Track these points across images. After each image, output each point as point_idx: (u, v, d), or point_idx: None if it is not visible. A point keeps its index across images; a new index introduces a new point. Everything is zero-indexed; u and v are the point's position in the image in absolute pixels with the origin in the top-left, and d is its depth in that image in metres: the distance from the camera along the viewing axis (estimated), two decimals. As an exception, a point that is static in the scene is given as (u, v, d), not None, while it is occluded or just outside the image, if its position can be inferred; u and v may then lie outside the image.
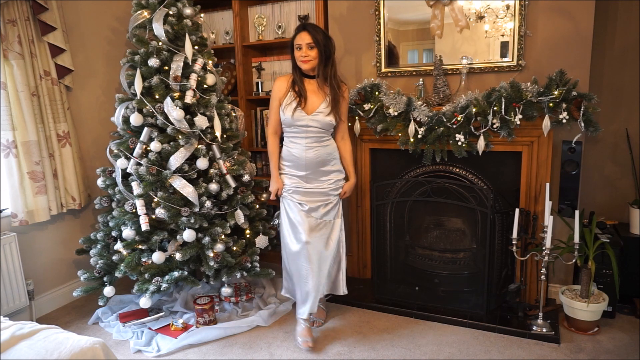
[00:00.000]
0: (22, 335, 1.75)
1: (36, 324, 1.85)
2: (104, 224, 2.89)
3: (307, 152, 2.50)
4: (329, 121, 2.48)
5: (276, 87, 2.54)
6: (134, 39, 2.74)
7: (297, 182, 2.54)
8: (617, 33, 2.86)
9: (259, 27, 3.43)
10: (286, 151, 2.56)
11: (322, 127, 2.48)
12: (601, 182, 3.05)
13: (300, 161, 2.51)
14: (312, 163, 2.51)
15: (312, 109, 2.47)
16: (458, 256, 3.04)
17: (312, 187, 2.54)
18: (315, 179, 2.55)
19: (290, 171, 2.56)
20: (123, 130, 2.80)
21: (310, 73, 2.48)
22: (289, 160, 2.55)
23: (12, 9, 2.64)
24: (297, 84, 2.48)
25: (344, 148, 2.65)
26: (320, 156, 2.52)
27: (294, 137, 2.52)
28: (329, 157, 2.56)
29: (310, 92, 2.49)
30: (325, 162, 2.54)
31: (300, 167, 2.53)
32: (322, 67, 2.43)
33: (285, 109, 2.47)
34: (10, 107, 2.69)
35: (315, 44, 2.38)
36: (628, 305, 2.77)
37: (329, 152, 2.55)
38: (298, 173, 2.54)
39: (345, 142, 2.66)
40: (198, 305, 2.74)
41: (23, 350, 1.67)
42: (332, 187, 2.58)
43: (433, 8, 2.84)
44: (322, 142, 2.52)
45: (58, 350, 1.66)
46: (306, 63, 2.41)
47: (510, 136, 2.62)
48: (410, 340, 2.59)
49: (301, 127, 2.47)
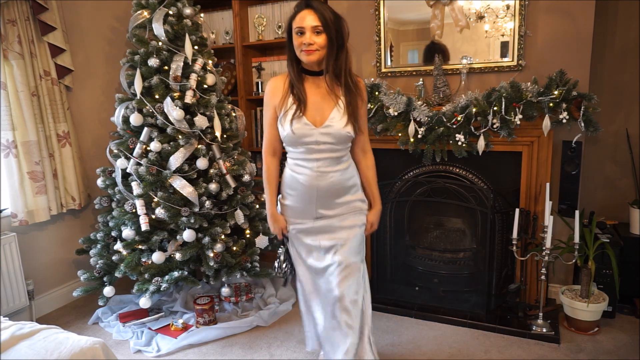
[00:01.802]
0: (22, 335, 1.75)
1: (36, 324, 1.85)
2: (103, 224, 2.89)
3: (318, 180, 1.84)
4: (347, 133, 1.82)
5: (270, 90, 1.88)
6: (134, 39, 2.74)
7: (304, 216, 1.94)
8: (617, 33, 2.86)
9: (259, 27, 3.43)
10: (289, 176, 1.92)
11: (337, 142, 1.82)
12: (601, 182, 3.05)
13: (309, 191, 1.87)
14: (326, 194, 1.87)
15: (321, 119, 1.81)
16: (458, 256, 3.04)
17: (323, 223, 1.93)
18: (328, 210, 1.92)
19: (296, 201, 1.93)
20: (123, 130, 2.80)
21: (315, 68, 1.82)
22: (295, 189, 1.91)
23: (12, 8, 2.64)
24: (294, 86, 1.82)
25: (366, 164, 2.01)
26: (336, 184, 1.87)
27: (300, 160, 1.86)
28: (349, 182, 1.91)
29: (315, 95, 1.83)
30: (343, 190, 1.90)
31: (307, 199, 1.89)
32: (333, 60, 1.77)
33: (285, 121, 1.81)
34: (10, 107, 2.69)
35: (323, 28, 1.71)
36: (628, 305, 2.77)
37: (348, 177, 1.90)
38: (307, 206, 1.91)
39: (367, 157, 2.01)
40: (198, 305, 2.74)
41: (23, 350, 1.67)
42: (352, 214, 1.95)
43: (433, 8, 2.84)
44: (339, 163, 1.86)
45: (58, 350, 1.66)
46: (311, 54, 1.74)
47: (511, 136, 2.62)
48: (410, 340, 2.59)
49: (309, 146, 1.81)
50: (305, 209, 1.91)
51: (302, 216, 1.93)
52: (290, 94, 1.83)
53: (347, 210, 1.92)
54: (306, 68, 1.83)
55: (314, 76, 1.84)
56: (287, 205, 1.95)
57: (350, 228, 1.93)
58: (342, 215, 1.92)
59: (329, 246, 1.92)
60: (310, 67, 1.82)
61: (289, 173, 1.92)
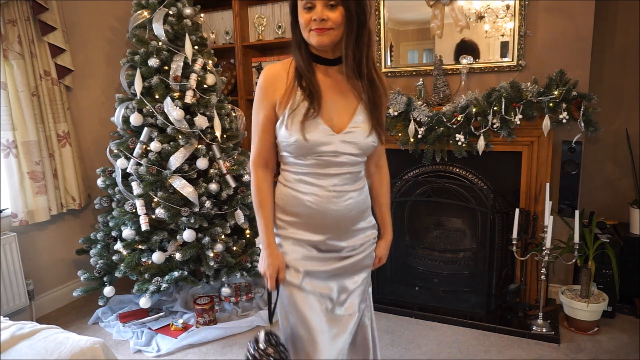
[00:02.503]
0: (22, 335, 1.75)
1: (36, 324, 1.85)
2: (104, 224, 2.89)
3: (336, 203, 1.40)
4: (371, 143, 1.40)
5: (266, 81, 1.38)
6: (134, 39, 2.74)
7: (310, 254, 1.44)
8: (617, 33, 2.86)
9: (259, 27, 3.43)
10: (291, 198, 1.42)
11: (361, 153, 1.40)
12: (601, 182, 3.05)
13: (323, 218, 1.41)
14: (342, 221, 1.43)
15: (340, 123, 1.36)
16: (458, 256, 3.04)
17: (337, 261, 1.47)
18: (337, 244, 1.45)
19: (296, 233, 1.44)
20: (123, 130, 2.80)
21: (330, 55, 1.35)
22: (297, 214, 1.43)
23: (12, 9, 2.64)
24: (303, 76, 1.35)
25: (379, 181, 1.60)
26: (354, 208, 1.44)
27: (309, 176, 1.39)
28: (365, 205, 1.50)
29: (331, 90, 1.37)
30: (359, 216, 1.47)
31: (318, 227, 1.42)
32: (353, 42, 1.29)
33: (292, 123, 1.33)
34: (10, 107, 2.69)
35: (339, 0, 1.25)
36: (628, 305, 2.77)
37: (365, 198, 1.50)
38: (313, 237, 1.43)
39: (381, 172, 1.61)
40: (198, 305, 2.74)
41: (23, 350, 1.67)
42: (365, 251, 1.52)
43: (433, 8, 2.84)
44: (357, 181, 1.45)
45: (58, 350, 1.66)
46: (323, 33, 1.27)
47: (510, 136, 2.62)
48: (411, 340, 2.59)
49: (324, 157, 1.36)
50: (313, 239, 1.43)
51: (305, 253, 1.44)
52: (297, 88, 1.35)
53: (361, 241, 1.49)
54: (317, 54, 1.36)
55: (328, 65, 1.37)
56: (288, 237, 1.45)
57: (363, 269, 1.53)
58: (355, 251, 1.48)
59: (339, 294, 1.47)
60: (324, 52, 1.34)
61: (288, 193, 1.42)
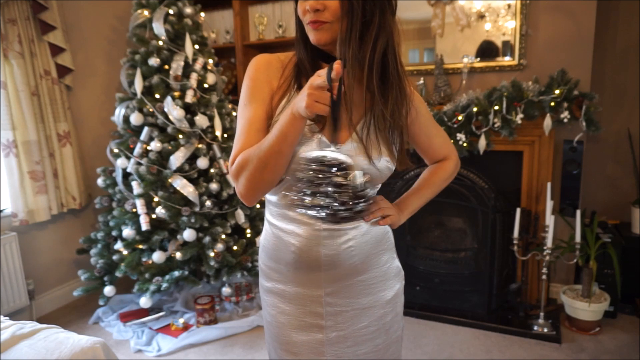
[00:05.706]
0: (22, 335, 1.74)
1: (36, 324, 1.84)
2: (104, 223, 2.88)
3: (328, 245, 1.09)
4: (387, 168, 1.11)
5: (258, 70, 1.10)
6: (135, 38, 2.74)
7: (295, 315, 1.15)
8: (619, 32, 2.86)
9: (260, 26, 3.42)
10: (274, 240, 1.14)
11: (373, 182, 1.12)
12: (603, 182, 3.04)
13: (316, 264, 1.10)
14: (342, 269, 1.11)
15: (341, 136, 1.06)
16: (459, 256, 3.03)
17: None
18: (341, 299, 1.14)
19: (278, 287, 1.17)
20: (123, 130, 2.80)
21: (336, 54, 1.04)
22: (280, 261, 1.14)
23: (12, 8, 2.63)
24: (304, 74, 1.08)
25: (439, 165, 1.38)
26: (363, 251, 1.12)
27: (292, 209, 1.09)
28: (379, 245, 1.17)
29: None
30: (370, 259, 1.15)
31: (310, 280, 1.12)
32: (356, 40, 0.99)
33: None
34: (11, 106, 2.69)
35: None
36: (630, 305, 2.77)
37: (374, 239, 1.16)
38: (305, 292, 1.13)
39: (443, 163, 1.38)
40: (198, 305, 2.74)
41: (23, 350, 1.67)
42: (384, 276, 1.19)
43: (434, 7, 2.84)
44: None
45: (59, 349, 1.66)
46: (319, 28, 1.01)
47: (512, 135, 2.61)
48: (411, 340, 2.58)
49: None
50: (301, 301, 1.12)
51: (296, 316, 1.13)
52: (294, 87, 1.08)
53: (377, 290, 1.16)
54: (324, 50, 1.07)
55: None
56: (270, 291, 1.18)
57: (388, 330, 1.18)
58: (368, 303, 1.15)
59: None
60: (329, 50, 1.06)
61: (272, 235, 1.14)
